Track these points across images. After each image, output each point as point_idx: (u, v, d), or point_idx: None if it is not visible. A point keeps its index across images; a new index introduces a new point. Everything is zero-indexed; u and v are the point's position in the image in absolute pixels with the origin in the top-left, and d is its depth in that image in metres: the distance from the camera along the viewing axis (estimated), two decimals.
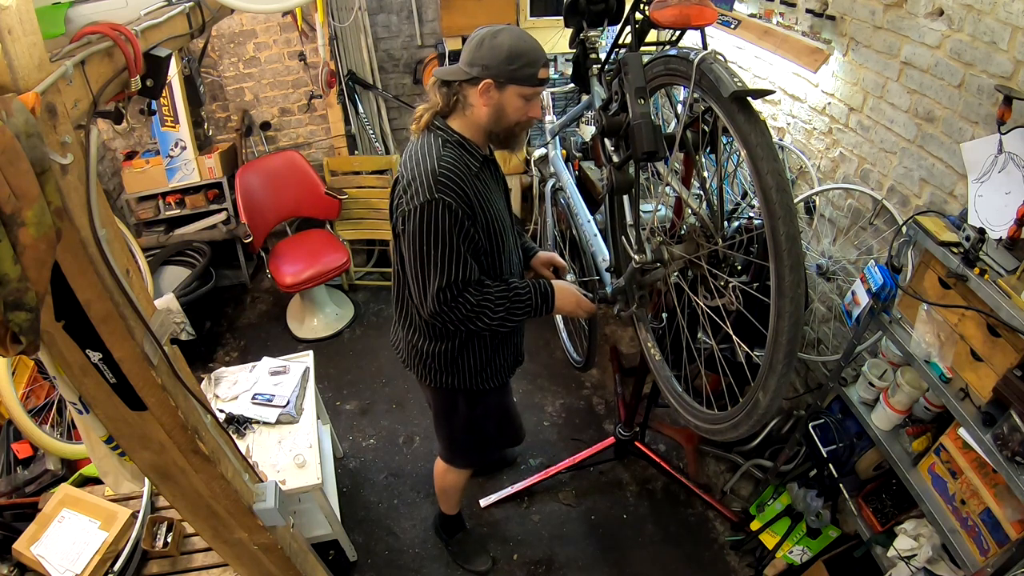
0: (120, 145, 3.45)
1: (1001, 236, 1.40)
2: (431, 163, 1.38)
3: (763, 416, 1.16)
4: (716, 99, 1.08)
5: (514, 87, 1.37)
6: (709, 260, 1.33)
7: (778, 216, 1.00)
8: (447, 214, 1.36)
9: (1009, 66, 1.47)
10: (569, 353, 2.65)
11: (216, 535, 1.36)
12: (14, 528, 1.85)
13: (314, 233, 3.54)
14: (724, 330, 1.35)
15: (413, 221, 1.38)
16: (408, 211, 1.39)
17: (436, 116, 1.47)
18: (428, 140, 1.44)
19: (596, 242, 1.88)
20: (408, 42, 3.64)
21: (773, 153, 1.01)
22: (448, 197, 1.36)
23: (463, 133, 1.46)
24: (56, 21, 0.88)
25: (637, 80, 1.23)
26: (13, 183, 0.60)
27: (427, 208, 1.36)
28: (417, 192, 1.37)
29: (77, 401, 1.03)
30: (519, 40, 1.35)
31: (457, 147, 1.44)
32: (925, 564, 1.59)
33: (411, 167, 1.41)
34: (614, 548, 2.35)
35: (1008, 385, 1.27)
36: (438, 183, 1.36)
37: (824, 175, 2.27)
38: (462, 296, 1.43)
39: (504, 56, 1.33)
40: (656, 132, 1.19)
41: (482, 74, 1.36)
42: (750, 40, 2.45)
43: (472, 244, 1.43)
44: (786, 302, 1.03)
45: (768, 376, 1.10)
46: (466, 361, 1.67)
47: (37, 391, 2.38)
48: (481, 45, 1.35)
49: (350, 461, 2.71)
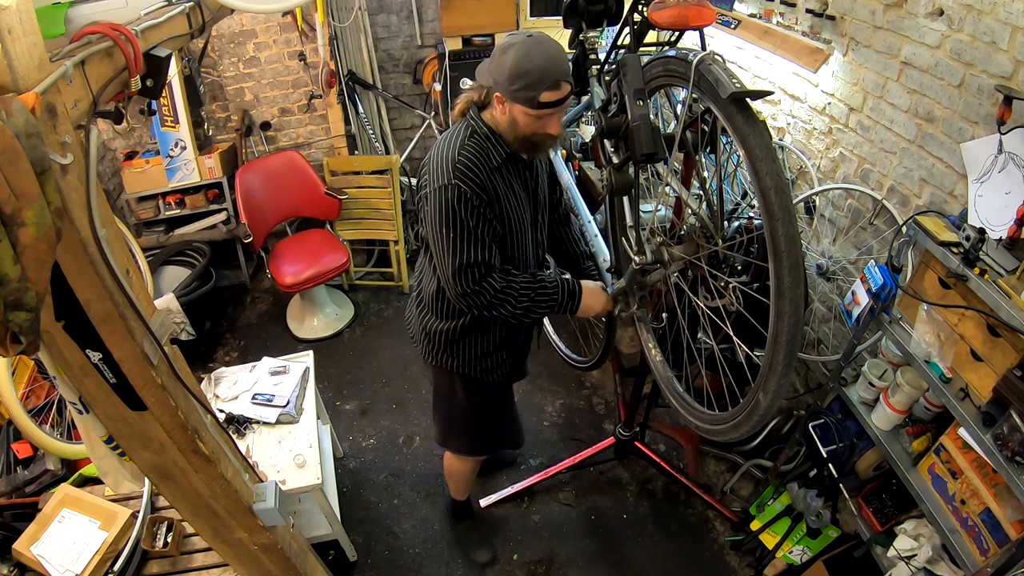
0: (120, 145, 3.45)
1: (1001, 236, 1.40)
2: (452, 151, 1.43)
3: (764, 416, 1.16)
4: (715, 100, 1.08)
5: (518, 105, 1.37)
6: (709, 261, 1.33)
7: (777, 217, 1.00)
8: (462, 199, 1.40)
9: (1009, 66, 1.47)
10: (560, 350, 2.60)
11: (216, 535, 1.36)
12: (14, 528, 1.84)
13: (314, 233, 3.54)
14: (724, 330, 1.35)
15: (431, 203, 1.44)
16: (427, 194, 1.45)
17: (473, 105, 1.49)
18: (458, 129, 1.49)
19: (597, 243, 1.88)
20: (408, 42, 3.64)
21: (772, 154, 1.01)
22: (464, 184, 1.40)
23: (493, 127, 1.47)
24: (56, 21, 0.88)
25: (636, 81, 1.23)
26: (13, 183, 0.60)
27: (443, 192, 1.41)
28: (436, 177, 1.43)
29: (77, 401, 1.03)
30: (524, 59, 1.32)
31: (483, 139, 1.46)
32: (925, 564, 1.59)
33: (435, 154, 1.47)
34: (614, 548, 2.35)
35: (1008, 385, 1.27)
36: (455, 170, 1.40)
37: (824, 175, 2.27)
38: (486, 281, 1.46)
39: (506, 75, 1.34)
40: (655, 133, 1.19)
41: (495, 87, 1.38)
42: (750, 40, 2.45)
43: (490, 229, 1.46)
44: (785, 303, 1.03)
45: (768, 377, 1.10)
46: (467, 346, 1.70)
47: (37, 391, 2.38)
48: (494, 59, 1.37)
49: (350, 461, 2.71)
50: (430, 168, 1.46)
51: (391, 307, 3.65)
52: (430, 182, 1.45)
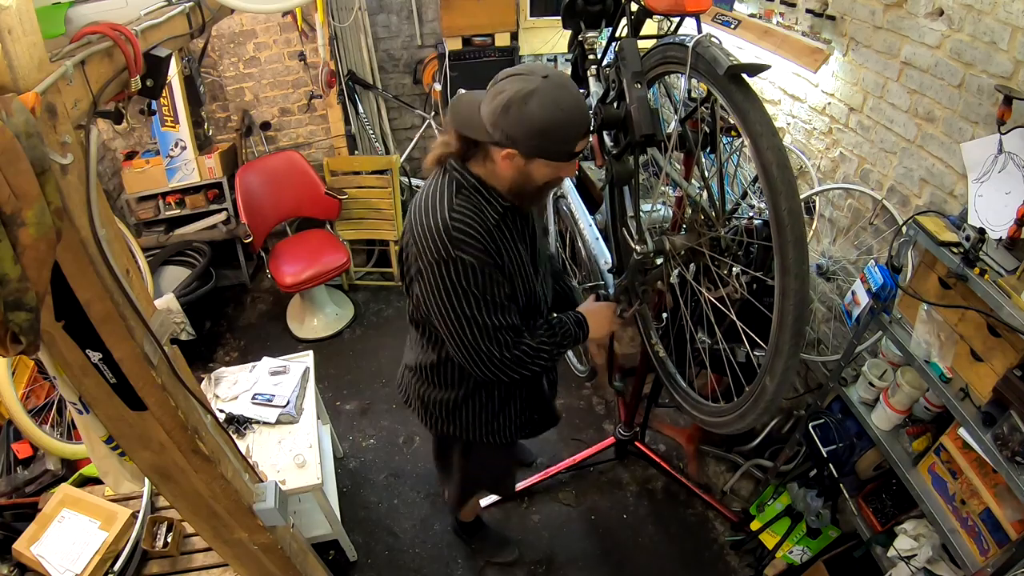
0: (120, 145, 3.45)
1: (1001, 236, 1.40)
2: (442, 216, 1.22)
3: (770, 404, 1.12)
4: (714, 80, 1.07)
5: (542, 160, 1.20)
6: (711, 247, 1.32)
7: (779, 191, 0.98)
8: (468, 272, 1.22)
9: (1009, 66, 1.47)
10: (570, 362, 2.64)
11: (216, 535, 1.36)
12: (14, 528, 1.85)
13: (314, 233, 3.54)
14: (727, 325, 1.34)
15: (430, 281, 1.25)
16: (421, 270, 1.25)
17: (452, 157, 1.28)
18: (440, 184, 1.27)
19: (598, 246, 1.88)
20: (408, 42, 3.64)
21: (772, 129, 1.00)
22: (466, 255, 1.21)
23: (483, 178, 1.27)
24: (56, 21, 0.88)
25: (634, 64, 1.22)
26: (13, 183, 0.60)
27: (444, 267, 1.22)
28: (430, 249, 1.22)
29: (77, 401, 1.03)
30: (555, 110, 1.13)
31: (474, 193, 1.26)
32: (925, 564, 1.59)
33: (420, 218, 1.25)
34: (614, 548, 2.35)
35: (1008, 385, 1.27)
36: (452, 240, 1.20)
37: (824, 175, 2.27)
38: (517, 346, 1.32)
39: (536, 130, 1.14)
40: (654, 115, 1.18)
41: (505, 143, 1.17)
42: (750, 40, 2.44)
43: (503, 290, 1.29)
44: (791, 279, 1.00)
45: (775, 360, 1.07)
46: (469, 411, 1.57)
47: (37, 391, 2.38)
48: (508, 111, 1.13)
49: (350, 461, 2.71)
50: (418, 236, 1.24)
51: (391, 307, 3.64)
52: (422, 254, 1.24)
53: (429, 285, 1.25)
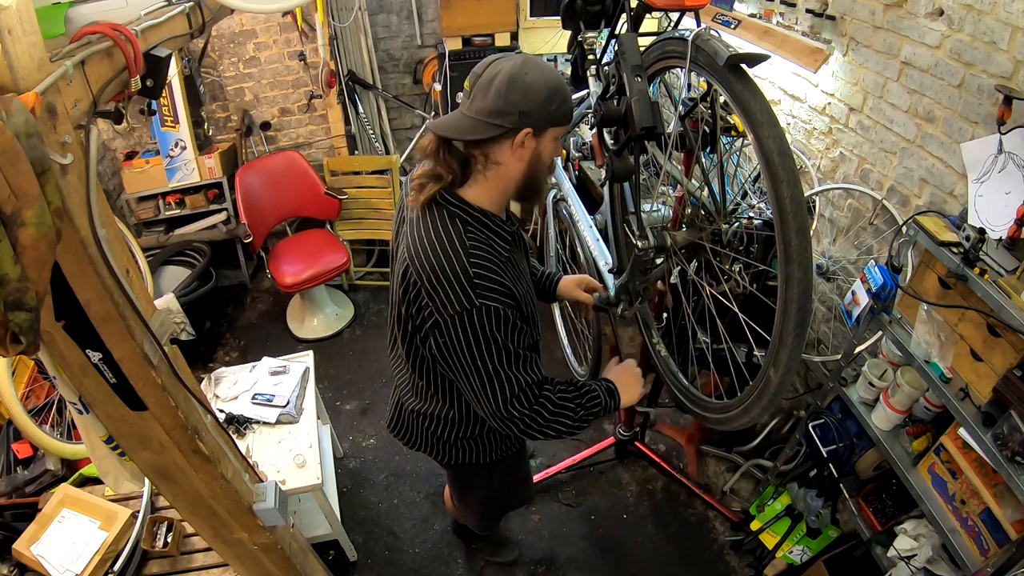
0: (120, 145, 3.45)
1: (1001, 236, 1.40)
2: (459, 261, 1.14)
3: (775, 396, 1.11)
4: (714, 72, 1.07)
5: (552, 130, 1.17)
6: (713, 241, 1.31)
7: (781, 180, 0.97)
8: (495, 319, 1.15)
9: (1009, 66, 1.47)
10: (570, 363, 2.64)
11: (216, 535, 1.36)
12: (14, 528, 1.85)
13: (314, 233, 3.54)
14: (729, 321, 1.33)
15: (453, 334, 1.16)
16: (440, 323, 1.16)
17: (440, 189, 1.20)
18: (444, 223, 1.18)
19: (599, 247, 1.88)
20: (408, 42, 3.64)
21: (773, 119, 1.00)
22: (491, 301, 1.14)
23: (483, 206, 1.21)
24: (56, 21, 0.88)
25: (633, 58, 1.22)
26: (13, 183, 0.60)
27: (469, 318, 1.14)
28: (450, 300, 1.14)
29: (77, 401, 1.03)
30: (546, 72, 1.13)
31: (481, 228, 1.20)
32: (925, 564, 1.59)
33: (432, 264, 1.15)
34: (614, 548, 2.35)
35: (1008, 385, 1.27)
36: (475, 286, 1.13)
37: (824, 175, 2.27)
38: (538, 402, 1.25)
39: (543, 97, 1.11)
40: (654, 108, 1.18)
41: (520, 123, 1.12)
42: (750, 40, 2.44)
43: (526, 339, 1.23)
44: (794, 267, 0.99)
45: (779, 350, 1.05)
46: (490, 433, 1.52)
47: (37, 391, 2.38)
48: (513, 87, 1.09)
49: (350, 461, 2.71)
50: (436, 286, 1.15)
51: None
52: (442, 307, 1.14)
53: (452, 338, 1.17)
